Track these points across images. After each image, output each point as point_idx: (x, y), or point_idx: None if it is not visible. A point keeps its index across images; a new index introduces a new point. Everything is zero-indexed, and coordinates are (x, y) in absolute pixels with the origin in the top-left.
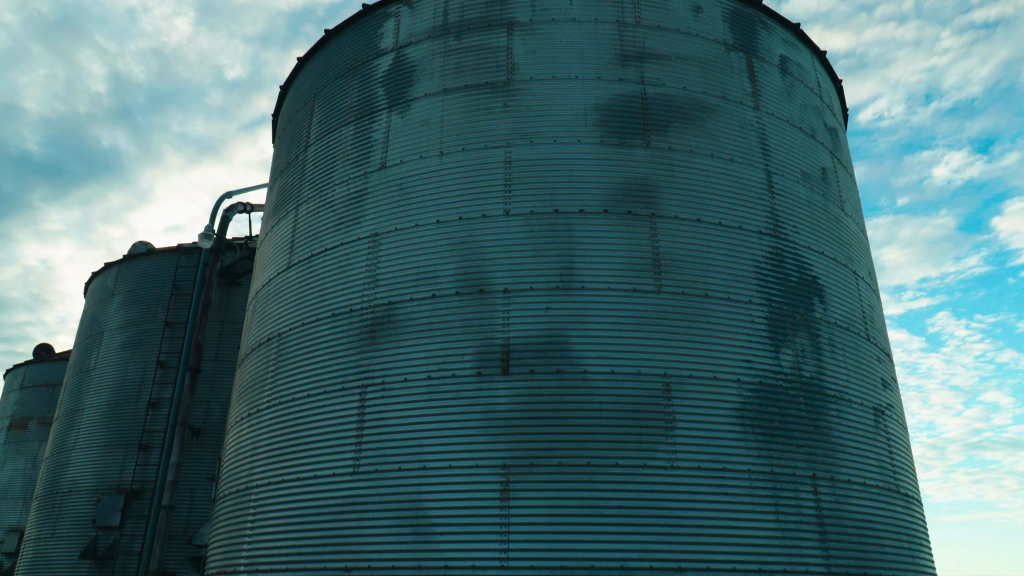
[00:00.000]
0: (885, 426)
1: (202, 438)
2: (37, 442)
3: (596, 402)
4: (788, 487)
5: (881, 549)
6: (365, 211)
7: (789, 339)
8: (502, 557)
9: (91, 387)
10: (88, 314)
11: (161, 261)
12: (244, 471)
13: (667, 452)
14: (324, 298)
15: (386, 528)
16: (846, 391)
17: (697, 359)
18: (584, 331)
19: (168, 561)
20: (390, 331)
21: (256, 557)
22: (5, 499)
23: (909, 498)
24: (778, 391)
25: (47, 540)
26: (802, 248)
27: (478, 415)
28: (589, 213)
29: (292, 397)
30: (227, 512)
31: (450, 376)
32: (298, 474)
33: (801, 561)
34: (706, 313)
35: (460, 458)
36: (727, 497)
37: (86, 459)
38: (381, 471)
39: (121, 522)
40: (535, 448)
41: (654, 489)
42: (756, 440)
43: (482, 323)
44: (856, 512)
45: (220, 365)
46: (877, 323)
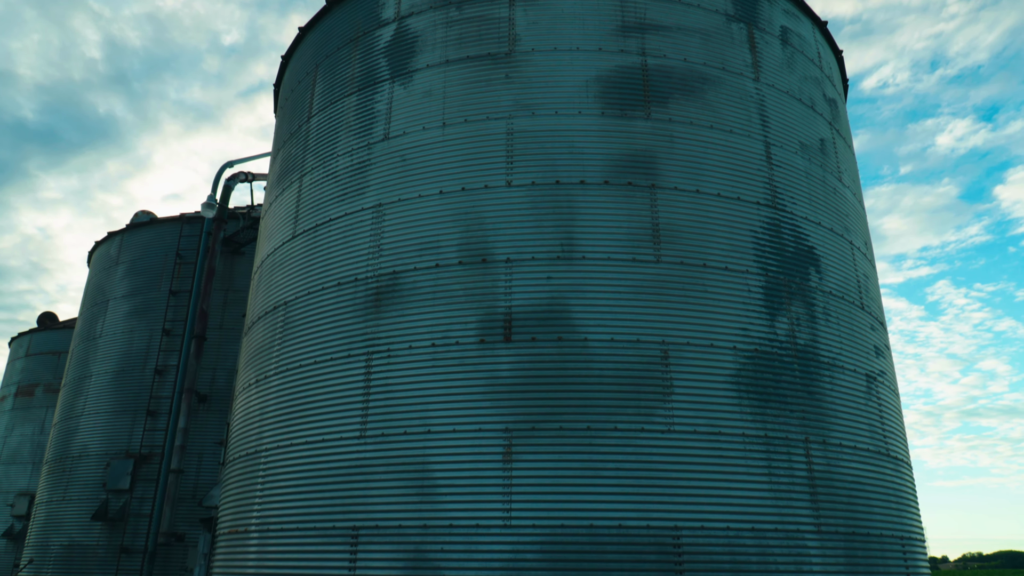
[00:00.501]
0: (877, 392)
1: (208, 404)
2: (44, 408)
3: (596, 368)
4: (781, 450)
5: (870, 509)
6: (369, 182)
7: (785, 308)
8: (505, 516)
9: (98, 354)
10: (92, 283)
11: (164, 230)
12: (253, 435)
13: (664, 416)
14: (329, 268)
15: (393, 489)
16: (839, 358)
17: (695, 327)
18: (584, 300)
19: (178, 523)
20: (395, 300)
21: (267, 517)
22: (14, 464)
23: (899, 461)
24: (773, 358)
25: (59, 503)
26: (799, 219)
27: (481, 381)
28: (590, 184)
29: (299, 364)
30: (237, 475)
31: (454, 344)
32: (306, 438)
33: (792, 520)
34: (704, 282)
35: (464, 422)
36: (722, 459)
37: (95, 424)
38: (387, 435)
39: (131, 485)
40: (537, 413)
41: (652, 452)
42: (751, 405)
43: (485, 292)
44: (846, 474)
45: (225, 333)
46: (872, 292)
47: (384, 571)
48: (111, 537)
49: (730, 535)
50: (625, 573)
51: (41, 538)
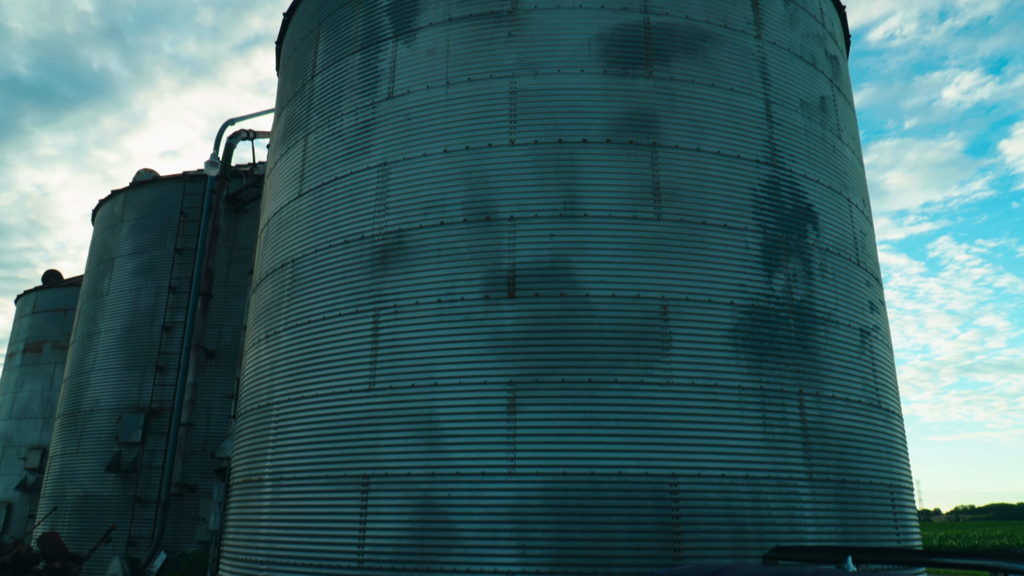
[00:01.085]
0: (870, 346)
1: (216, 359)
2: (52, 364)
3: (597, 323)
4: (775, 402)
5: (860, 458)
6: (374, 141)
7: (782, 264)
8: (509, 465)
9: (105, 311)
10: (98, 241)
11: (167, 188)
12: (264, 389)
13: (663, 370)
14: (336, 226)
15: (401, 439)
16: (834, 313)
17: (693, 283)
18: (586, 257)
19: (189, 474)
20: (401, 257)
21: (279, 466)
22: (25, 418)
23: (890, 413)
24: (769, 313)
25: (72, 456)
26: (798, 176)
27: (486, 336)
28: (592, 143)
29: (308, 320)
30: (249, 426)
31: (459, 300)
32: (316, 391)
33: (785, 468)
34: (703, 239)
35: (469, 375)
36: (718, 411)
37: (105, 380)
38: (395, 388)
39: (142, 438)
40: (540, 366)
41: (650, 403)
42: (747, 359)
43: (489, 249)
44: (838, 425)
45: (230, 290)
46: (868, 249)
47: (394, 516)
48: (125, 488)
49: (725, 482)
50: (624, 517)
51: (56, 489)
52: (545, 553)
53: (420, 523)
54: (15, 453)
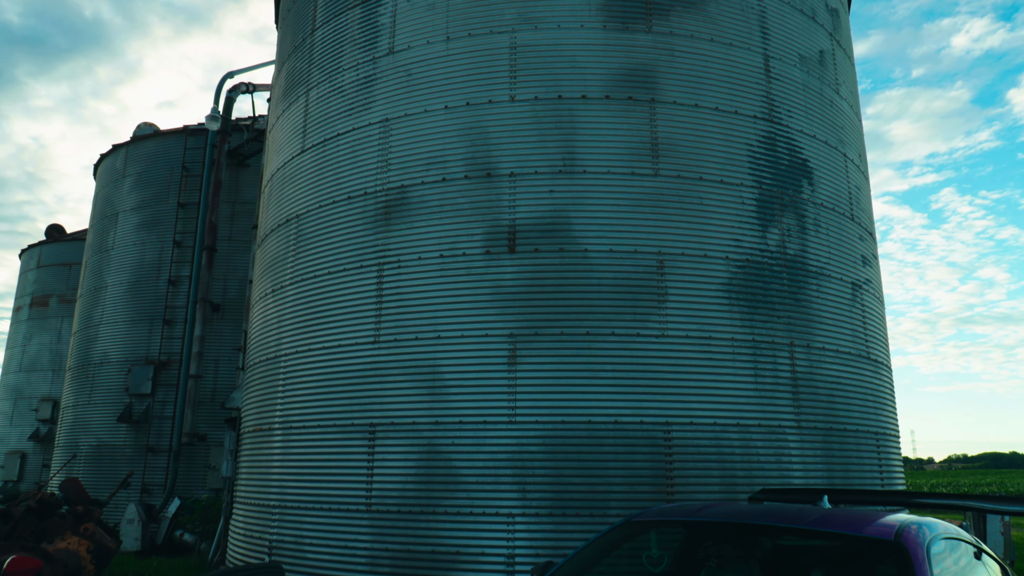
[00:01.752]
0: (862, 299)
1: (222, 313)
2: (59, 318)
3: (595, 278)
4: (767, 353)
5: (848, 407)
6: (375, 97)
7: (776, 219)
8: (510, 413)
9: (111, 266)
10: (101, 195)
11: (168, 143)
12: (272, 341)
13: (659, 322)
14: (339, 182)
15: (406, 390)
16: (827, 267)
17: (689, 238)
18: (585, 212)
19: (198, 424)
20: (403, 213)
21: (289, 416)
22: (34, 371)
23: (879, 364)
24: (763, 267)
25: (84, 407)
26: (795, 132)
27: (487, 290)
28: (591, 99)
29: (314, 274)
30: (258, 378)
31: (461, 255)
32: (323, 343)
33: (775, 416)
34: (700, 195)
35: (471, 328)
36: (711, 362)
37: (113, 333)
38: (400, 340)
39: (152, 390)
40: (539, 319)
41: (646, 355)
42: (740, 312)
43: (490, 205)
44: (828, 375)
45: (234, 244)
46: (863, 203)
47: (400, 462)
48: (137, 437)
49: (716, 430)
50: (620, 463)
51: (70, 439)
52: (544, 496)
53: (425, 469)
54: (26, 405)
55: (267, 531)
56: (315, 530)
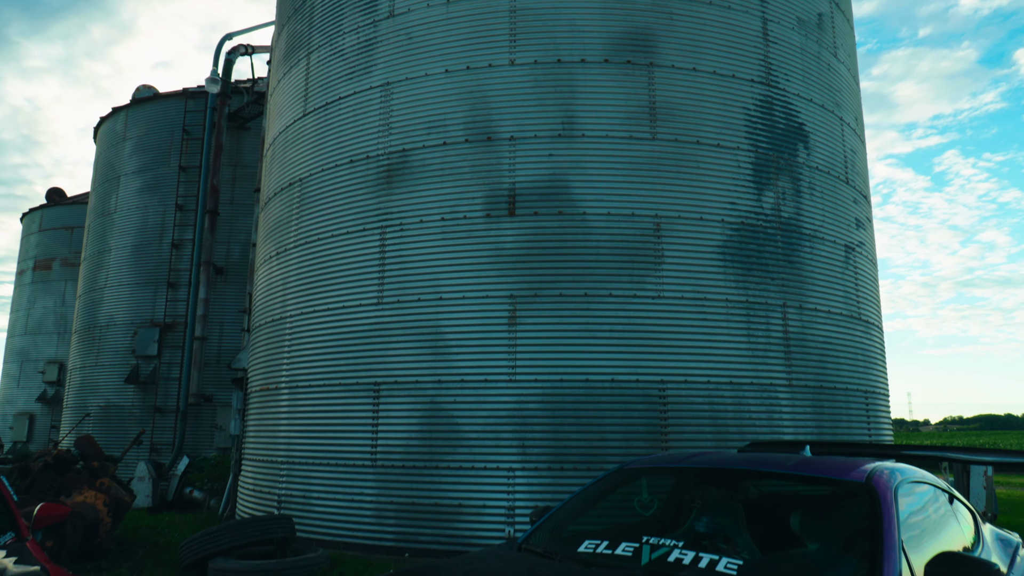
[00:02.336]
0: (854, 261)
1: (225, 276)
2: (63, 281)
3: (593, 240)
4: (760, 314)
5: (838, 366)
6: (376, 60)
7: (772, 183)
8: (510, 372)
9: (114, 229)
10: (102, 158)
11: (168, 106)
12: (277, 303)
13: (655, 284)
14: (341, 145)
15: (409, 349)
16: (821, 230)
17: (686, 201)
18: (584, 176)
19: (205, 385)
20: (405, 176)
21: (295, 375)
22: (40, 334)
23: (869, 325)
24: (758, 230)
25: (92, 369)
26: (792, 96)
27: (488, 252)
28: (590, 63)
29: (318, 237)
30: (264, 339)
31: (462, 218)
32: (328, 305)
33: (767, 375)
34: (696, 159)
35: (472, 290)
36: (706, 322)
37: (119, 296)
38: (402, 301)
39: (158, 352)
40: (539, 281)
41: (642, 315)
42: (735, 273)
43: (490, 169)
44: (819, 335)
45: (236, 208)
46: (858, 167)
47: (404, 419)
48: (144, 398)
49: (710, 388)
50: (616, 419)
51: (79, 400)
52: (543, 451)
53: (428, 425)
54: (33, 367)
55: (276, 486)
56: (322, 485)
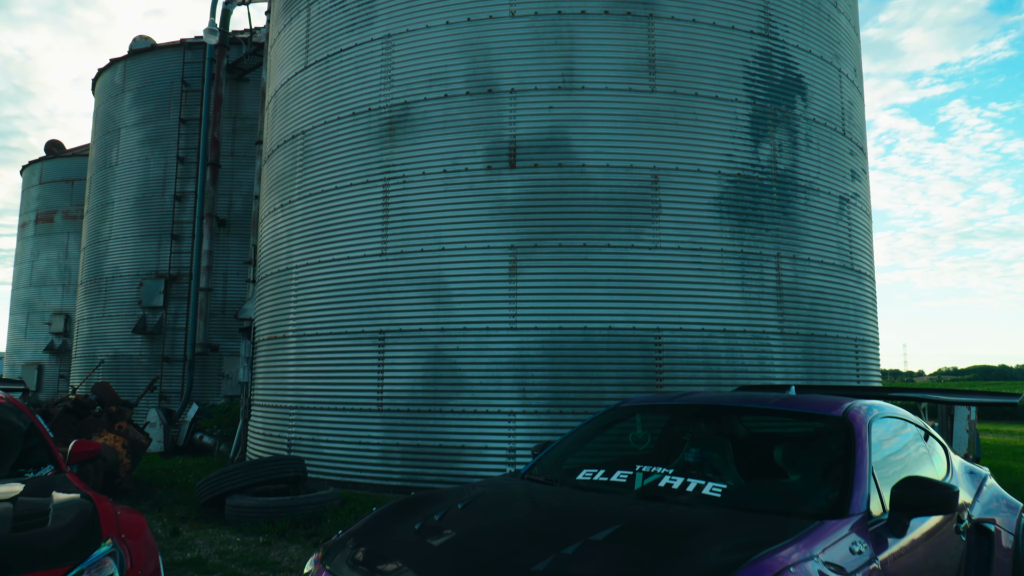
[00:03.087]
0: (848, 212)
1: (228, 228)
2: (65, 234)
3: (592, 192)
4: (754, 264)
5: (829, 314)
6: (376, 12)
7: (769, 135)
8: (511, 320)
9: (116, 182)
10: (101, 111)
11: (167, 57)
12: (283, 254)
13: (652, 235)
14: (343, 98)
15: (413, 299)
16: (816, 181)
17: (683, 153)
18: (583, 128)
19: (211, 335)
20: (407, 129)
21: (302, 324)
22: (44, 286)
23: (861, 275)
24: (754, 182)
25: (99, 319)
26: (790, 47)
27: (489, 203)
28: (590, 14)
29: (322, 189)
30: (270, 289)
31: (463, 170)
32: (333, 256)
33: (759, 323)
34: (695, 111)
35: (474, 240)
36: (701, 272)
37: (123, 248)
38: (406, 252)
39: (164, 303)
40: (539, 232)
41: (639, 265)
42: (730, 224)
43: (491, 121)
44: (811, 285)
45: (237, 160)
46: (855, 118)
47: (409, 365)
48: (152, 348)
49: (704, 335)
50: (613, 365)
51: (87, 350)
52: (543, 395)
53: (432, 371)
54: (39, 318)
55: (285, 430)
56: (330, 428)
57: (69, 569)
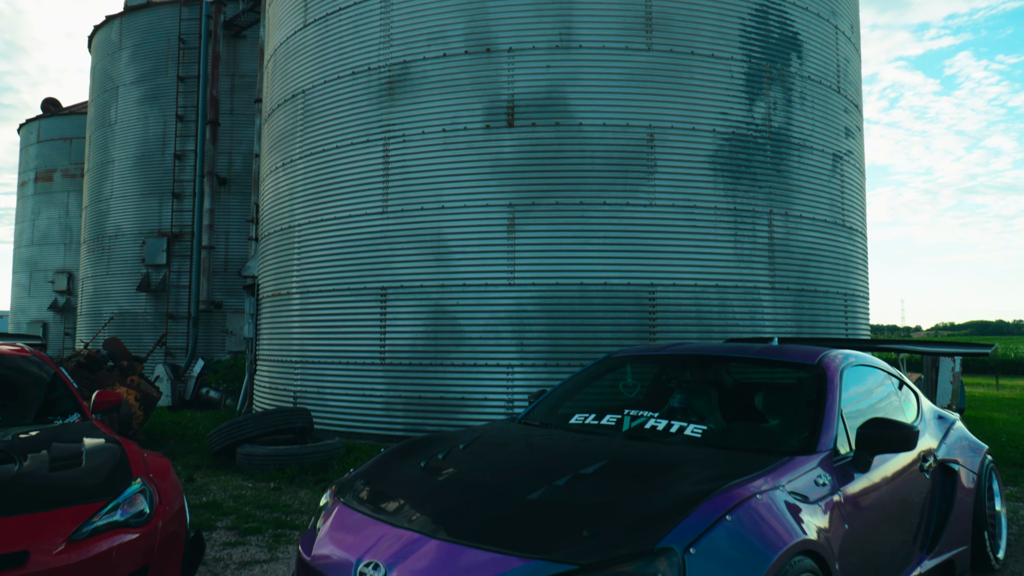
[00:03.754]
0: (841, 170)
1: (228, 186)
2: (65, 193)
3: (589, 150)
4: (747, 221)
5: (820, 269)
6: None
7: (764, 93)
8: (509, 276)
9: (116, 141)
10: (98, 68)
11: (163, 14)
12: (286, 213)
13: (647, 193)
14: (342, 57)
15: (413, 256)
16: (810, 139)
17: (679, 112)
18: (580, 87)
19: (214, 292)
20: (407, 88)
21: (305, 281)
22: (46, 244)
23: (853, 231)
24: (748, 140)
25: (103, 277)
26: (787, 4)
27: (487, 162)
28: None
29: (323, 148)
30: (273, 247)
31: (462, 129)
32: (335, 214)
33: (751, 278)
34: (691, 69)
35: (473, 199)
36: (694, 229)
37: (125, 207)
38: (406, 210)
39: (167, 261)
40: (536, 190)
41: (634, 223)
42: (724, 182)
43: (489, 80)
44: (803, 241)
45: (236, 118)
46: (851, 76)
47: (410, 321)
48: (157, 305)
49: (697, 290)
50: (608, 319)
51: (92, 307)
52: (540, 349)
53: (433, 326)
54: (42, 277)
55: (291, 383)
56: (335, 382)
57: (105, 503)
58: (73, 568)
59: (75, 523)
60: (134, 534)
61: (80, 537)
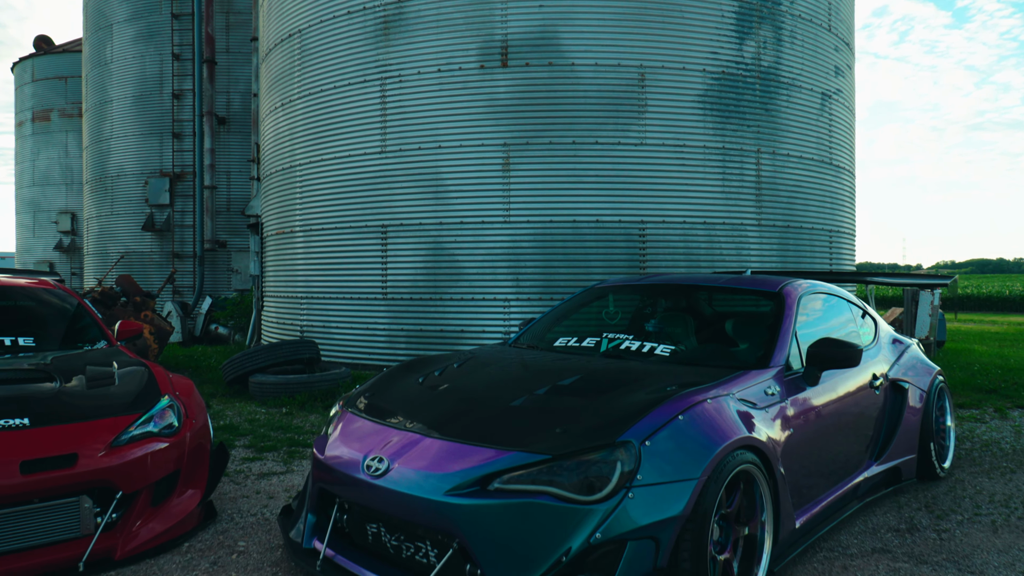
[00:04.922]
0: (830, 108)
1: (228, 126)
2: (64, 132)
3: (581, 90)
4: (735, 159)
5: (806, 206)
6: None
7: (754, 32)
8: (504, 214)
9: (113, 80)
10: (91, 5)
11: None
12: (286, 153)
13: (638, 132)
14: None
15: (412, 195)
16: (799, 78)
17: (669, 51)
18: (572, 27)
19: (218, 231)
20: (402, 27)
21: (308, 220)
22: (48, 185)
23: (840, 169)
24: (737, 79)
25: (107, 217)
26: None
27: (482, 102)
28: None
29: (320, 88)
30: (276, 186)
31: (457, 69)
32: (335, 154)
33: (737, 215)
34: (682, 8)
35: (469, 138)
36: (684, 167)
37: (126, 147)
38: (404, 150)
39: (171, 201)
40: (530, 130)
41: (625, 161)
42: (713, 121)
43: (483, 20)
44: (789, 179)
45: (232, 56)
46: (842, 14)
47: (410, 257)
48: (162, 245)
49: (685, 227)
50: (600, 255)
51: (98, 247)
52: (534, 283)
53: (432, 262)
54: (45, 217)
55: (297, 318)
56: (339, 316)
57: (139, 416)
58: (115, 469)
59: (113, 432)
60: (165, 443)
61: (119, 444)
